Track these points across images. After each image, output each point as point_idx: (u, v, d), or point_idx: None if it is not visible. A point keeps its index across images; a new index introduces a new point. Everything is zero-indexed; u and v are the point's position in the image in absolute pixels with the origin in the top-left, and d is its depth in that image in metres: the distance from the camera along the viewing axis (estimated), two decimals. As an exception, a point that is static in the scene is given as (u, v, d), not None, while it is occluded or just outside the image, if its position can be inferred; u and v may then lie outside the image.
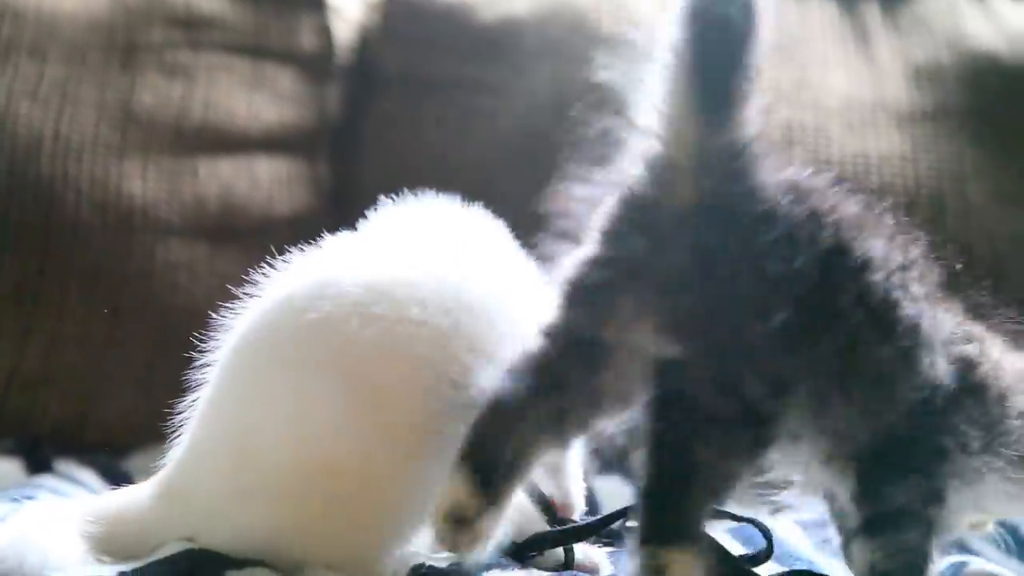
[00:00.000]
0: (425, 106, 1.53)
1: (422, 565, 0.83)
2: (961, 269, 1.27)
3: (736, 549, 0.87)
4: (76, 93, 1.40)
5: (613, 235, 0.77)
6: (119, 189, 1.38)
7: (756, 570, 0.83)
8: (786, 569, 0.88)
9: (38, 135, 1.37)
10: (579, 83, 1.51)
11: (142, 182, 1.39)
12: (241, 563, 0.79)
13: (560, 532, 0.88)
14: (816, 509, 1.16)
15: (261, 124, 1.47)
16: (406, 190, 1.49)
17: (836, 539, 0.89)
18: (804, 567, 0.89)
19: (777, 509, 1.19)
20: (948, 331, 0.81)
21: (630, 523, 0.79)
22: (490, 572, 0.81)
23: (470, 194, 1.48)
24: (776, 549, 0.95)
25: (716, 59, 0.77)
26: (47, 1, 1.42)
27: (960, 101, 1.51)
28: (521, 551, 0.87)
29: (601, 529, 0.87)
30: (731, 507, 0.93)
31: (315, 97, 1.52)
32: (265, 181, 1.45)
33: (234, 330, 0.84)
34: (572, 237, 0.82)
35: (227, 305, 0.85)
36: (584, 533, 0.87)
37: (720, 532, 0.85)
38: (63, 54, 1.41)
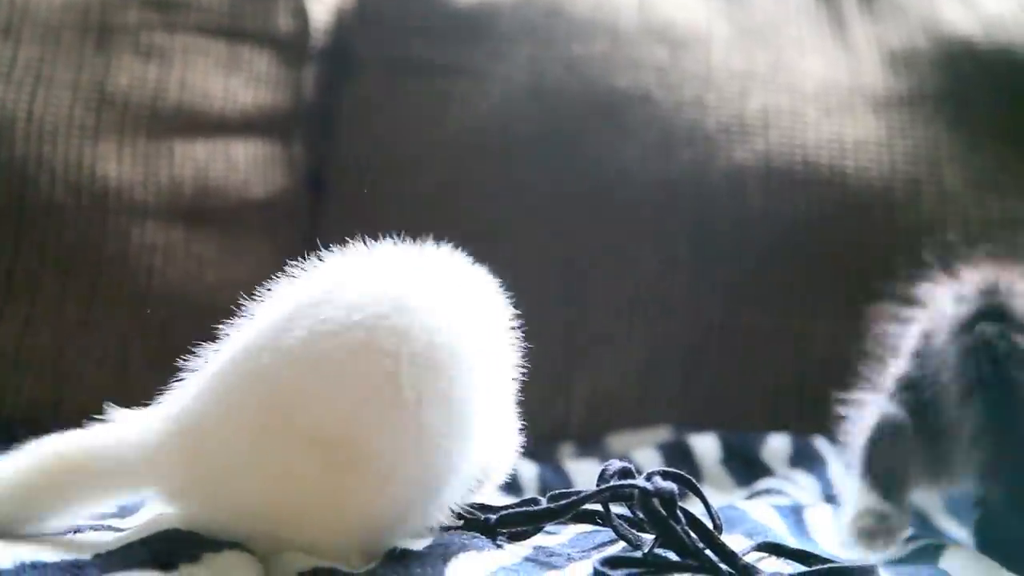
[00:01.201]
0: (401, 89, 1.52)
1: (395, 548, 0.84)
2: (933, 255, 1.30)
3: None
4: (50, 74, 1.39)
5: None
6: (94, 171, 1.37)
7: (730, 545, 0.83)
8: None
9: (11, 117, 1.36)
10: (556, 67, 1.53)
11: (117, 164, 1.39)
12: (218, 545, 0.80)
13: (536, 511, 0.88)
14: (790, 495, 1.18)
15: (237, 106, 1.46)
16: (382, 173, 1.50)
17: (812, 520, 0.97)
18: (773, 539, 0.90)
19: (755, 494, 1.21)
20: None
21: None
22: (467, 553, 0.81)
23: (446, 178, 1.49)
24: (751, 530, 0.96)
25: None
26: (21, -19, 1.41)
27: (936, 86, 1.51)
28: (494, 529, 0.87)
29: (577, 508, 0.87)
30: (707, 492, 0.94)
31: (291, 79, 1.52)
32: (241, 163, 1.45)
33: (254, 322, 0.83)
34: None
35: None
36: (559, 513, 0.88)
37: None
38: (37, 35, 1.40)
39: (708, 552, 0.82)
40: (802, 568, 0.85)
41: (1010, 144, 1.50)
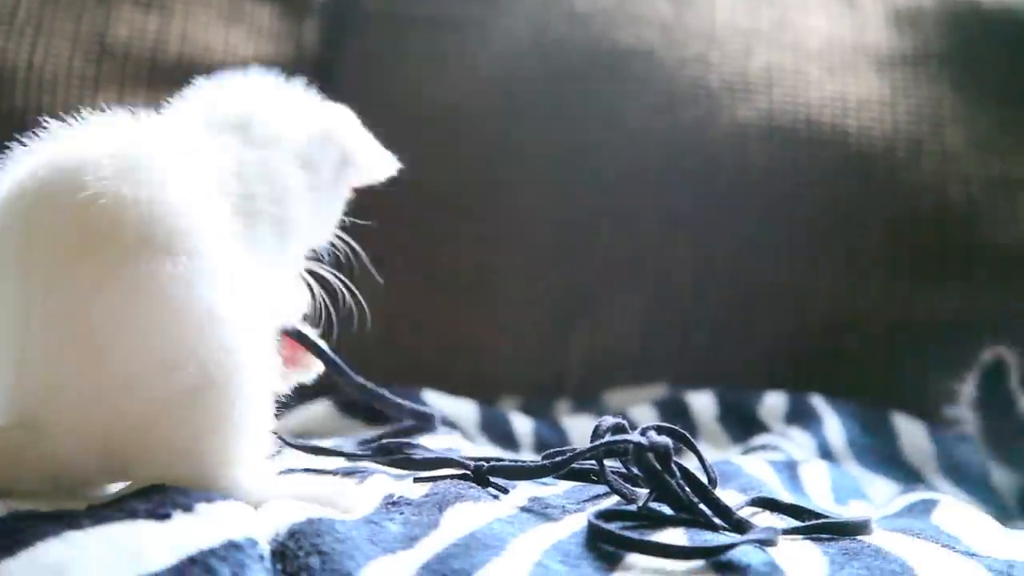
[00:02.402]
0: (404, 43, 1.52)
1: (392, 495, 0.84)
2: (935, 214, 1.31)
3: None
4: (51, 25, 1.38)
5: None
6: (94, 123, 1.37)
7: (724, 499, 0.84)
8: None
9: (12, 67, 1.36)
10: (559, 22, 1.52)
11: (117, 116, 1.38)
12: (212, 496, 0.80)
13: (531, 465, 0.89)
14: (785, 451, 1.18)
15: (238, 59, 1.46)
16: (384, 127, 1.48)
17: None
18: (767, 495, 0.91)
19: (750, 450, 1.21)
20: None
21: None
22: (463, 503, 0.82)
23: (448, 131, 1.49)
24: (745, 485, 0.97)
25: None
26: (21, -69, 1.41)
27: (940, 46, 1.51)
28: (485, 476, 0.88)
29: (571, 464, 0.88)
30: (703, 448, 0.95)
31: (293, 33, 1.51)
32: (242, 117, 1.44)
33: None
34: None
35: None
36: (554, 469, 0.88)
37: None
38: (38, -15, 1.39)
39: (702, 506, 0.82)
40: (796, 523, 0.85)
41: (1013, 105, 1.49)
